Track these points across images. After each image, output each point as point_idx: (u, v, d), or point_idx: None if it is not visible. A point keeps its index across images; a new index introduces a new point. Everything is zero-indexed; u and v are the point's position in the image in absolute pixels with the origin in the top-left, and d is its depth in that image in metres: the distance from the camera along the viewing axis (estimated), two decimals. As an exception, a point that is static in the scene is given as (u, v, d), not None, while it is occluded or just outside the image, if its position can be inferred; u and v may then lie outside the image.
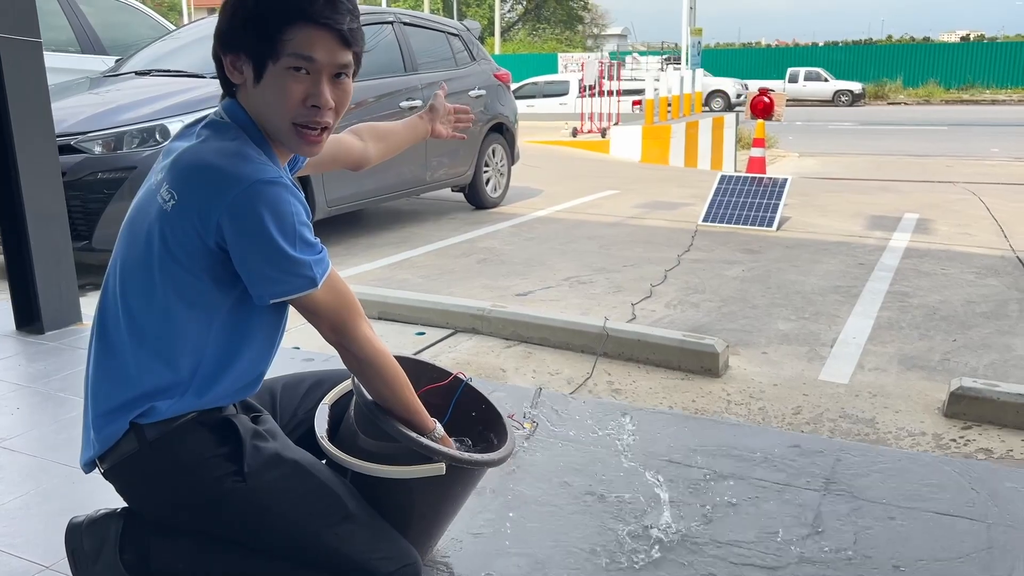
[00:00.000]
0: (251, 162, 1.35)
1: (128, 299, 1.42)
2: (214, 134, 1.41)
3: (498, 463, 1.60)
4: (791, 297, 4.51)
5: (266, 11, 1.36)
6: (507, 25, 45.90)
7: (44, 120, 3.32)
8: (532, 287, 4.69)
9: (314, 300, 1.39)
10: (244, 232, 1.33)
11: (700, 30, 17.24)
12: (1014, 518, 1.99)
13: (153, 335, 1.41)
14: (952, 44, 40.18)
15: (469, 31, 7.49)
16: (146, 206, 1.42)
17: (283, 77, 1.38)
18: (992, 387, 2.96)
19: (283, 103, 1.39)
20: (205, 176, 1.34)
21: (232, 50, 1.41)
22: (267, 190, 1.33)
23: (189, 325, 1.40)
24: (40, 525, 1.95)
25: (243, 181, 1.32)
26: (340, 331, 1.43)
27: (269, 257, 1.34)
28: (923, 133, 18.85)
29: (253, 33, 1.37)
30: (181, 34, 6.47)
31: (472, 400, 1.78)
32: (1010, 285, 4.73)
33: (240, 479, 1.43)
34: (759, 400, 3.14)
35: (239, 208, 1.32)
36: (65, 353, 3.14)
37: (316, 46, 1.37)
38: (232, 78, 1.43)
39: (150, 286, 1.40)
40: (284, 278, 1.36)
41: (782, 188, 6.70)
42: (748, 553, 1.85)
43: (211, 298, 1.40)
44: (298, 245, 1.35)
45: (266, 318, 1.48)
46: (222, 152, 1.36)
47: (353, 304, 1.45)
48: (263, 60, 1.37)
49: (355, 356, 1.45)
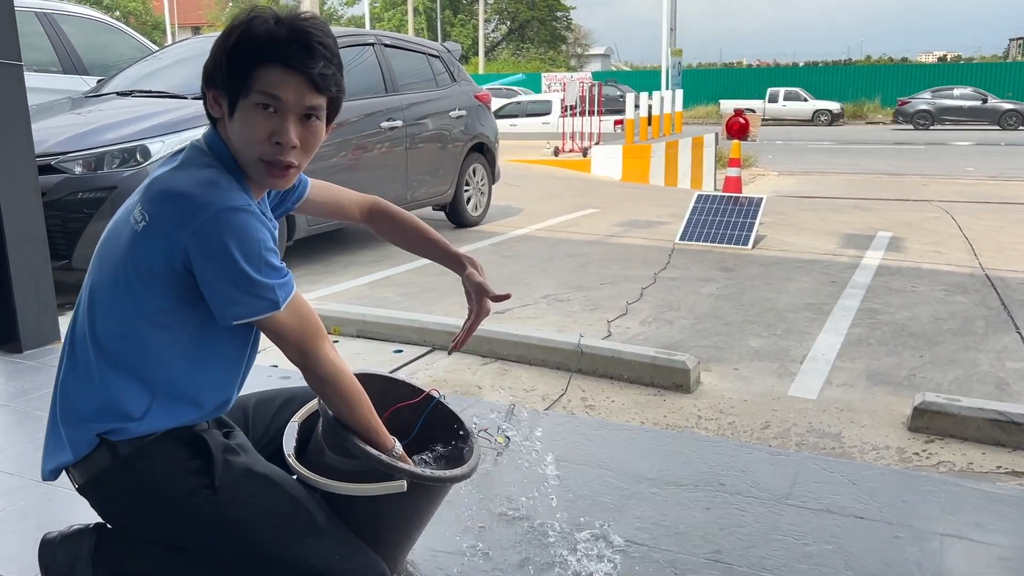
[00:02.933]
0: (220, 190, 1.41)
1: (95, 316, 1.47)
2: (190, 162, 1.47)
3: (460, 479, 1.65)
4: (764, 314, 4.59)
5: (242, 50, 1.43)
6: (491, 45, 46.23)
7: (24, 140, 3.36)
8: (510, 304, 4.74)
9: (278, 322, 1.44)
10: (209, 256, 1.38)
11: (680, 51, 17.51)
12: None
13: (118, 352, 1.45)
14: (930, 65, 40.92)
15: (450, 52, 7.58)
16: (120, 227, 1.48)
17: (251, 112, 1.44)
18: (954, 402, 3.04)
19: (250, 137, 1.45)
20: (175, 201, 1.40)
21: (212, 85, 1.49)
22: (233, 217, 1.38)
23: (153, 345, 1.45)
24: (16, 541, 1.98)
25: (210, 208, 1.37)
26: (303, 352, 1.47)
27: (233, 280, 1.38)
28: (900, 152, 19.15)
29: (228, 70, 1.44)
30: (163, 54, 6.51)
31: (446, 416, 1.82)
32: (978, 302, 4.83)
33: (211, 492, 1.47)
34: (729, 415, 3.20)
35: (205, 233, 1.37)
36: (43, 372, 3.16)
37: (284, 87, 1.42)
38: (212, 111, 1.50)
39: (117, 304, 1.45)
40: (247, 299, 1.40)
41: (758, 207, 6.81)
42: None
43: (175, 318, 1.44)
44: (263, 269, 1.40)
45: (231, 342, 1.52)
46: (193, 180, 1.42)
47: (317, 327, 1.50)
48: (235, 95, 1.45)
49: (317, 376, 1.50)
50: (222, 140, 1.49)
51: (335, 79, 1.47)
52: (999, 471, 2.73)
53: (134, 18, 34.65)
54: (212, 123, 1.52)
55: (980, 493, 2.27)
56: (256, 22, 1.44)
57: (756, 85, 33.34)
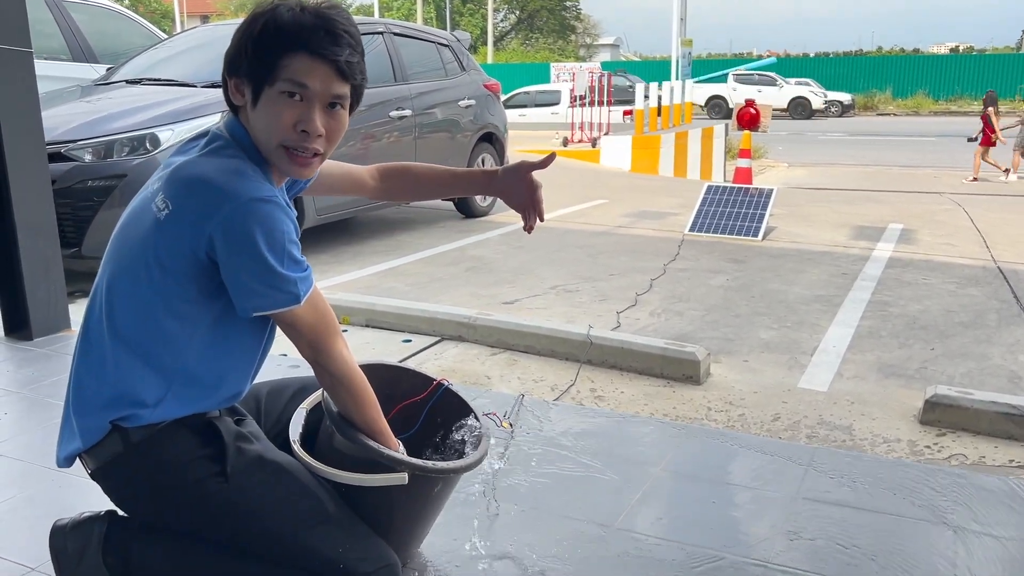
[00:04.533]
0: (247, 179, 1.40)
1: (113, 304, 1.46)
2: (214, 150, 1.45)
3: (465, 469, 1.64)
4: (774, 306, 4.57)
5: (268, 38, 1.42)
6: (500, 35, 46.08)
7: (34, 128, 3.35)
8: (519, 295, 4.73)
9: (296, 316, 1.43)
10: (234, 247, 1.37)
11: (690, 41, 17.37)
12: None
13: (135, 340, 1.44)
14: (941, 56, 40.55)
15: (459, 41, 7.56)
16: (139, 214, 1.46)
17: (277, 101, 1.43)
18: (966, 395, 3.02)
19: (275, 125, 1.44)
20: (201, 190, 1.38)
21: (235, 73, 1.47)
22: (260, 208, 1.37)
23: (171, 334, 1.44)
24: (26, 528, 1.98)
25: (237, 198, 1.36)
26: (317, 348, 1.47)
27: (256, 272, 1.38)
28: (911, 144, 19.02)
29: (254, 57, 1.42)
30: (173, 43, 6.51)
31: (456, 404, 1.82)
32: (990, 295, 4.80)
33: (223, 480, 1.47)
34: (739, 407, 3.19)
35: (232, 224, 1.36)
36: (53, 359, 3.17)
37: (311, 75, 1.42)
38: (234, 99, 1.48)
39: (137, 293, 1.44)
40: (269, 292, 1.40)
41: (768, 198, 6.77)
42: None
43: (195, 308, 1.44)
44: (286, 262, 1.40)
45: (248, 333, 1.51)
46: (220, 168, 1.41)
47: (332, 323, 1.49)
48: (260, 83, 1.43)
49: (329, 373, 1.49)
50: (243, 128, 1.48)
51: (360, 67, 1.47)
52: (1011, 465, 2.71)
53: (143, 6, 34.64)
54: (233, 111, 1.51)
55: (992, 487, 2.25)
56: (282, 9, 1.42)
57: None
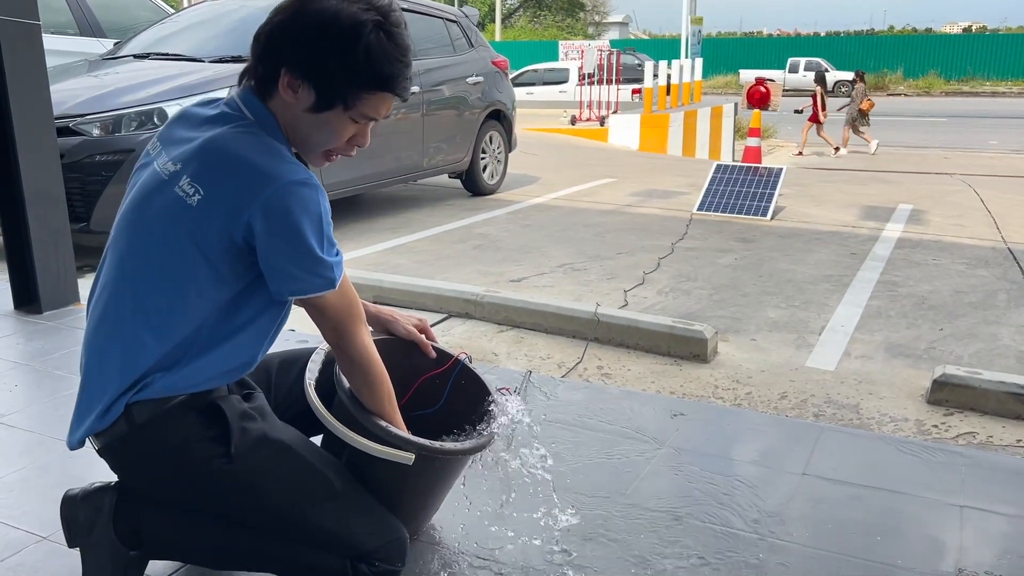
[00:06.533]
0: (286, 161, 1.39)
1: (131, 277, 1.43)
2: (240, 128, 1.41)
3: (476, 451, 1.65)
4: (782, 286, 4.55)
5: (364, 72, 1.41)
6: (508, 12, 45.72)
7: (43, 102, 3.35)
8: (526, 273, 4.73)
9: (325, 301, 1.43)
10: (276, 231, 1.35)
11: (701, 19, 17.26)
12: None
13: (147, 317, 1.41)
14: (953, 36, 40.16)
15: (467, 18, 7.50)
16: (155, 189, 1.43)
17: (343, 122, 1.45)
18: (975, 375, 3.01)
19: (332, 138, 1.47)
20: (239, 171, 1.36)
21: (305, 76, 1.41)
22: (302, 191, 1.36)
23: (192, 308, 1.41)
24: (37, 498, 2.00)
25: (279, 180, 1.35)
26: (340, 333, 1.47)
27: (295, 256, 1.37)
28: (922, 124, 18.87)
29: (344, 81, 1.41)
30: (180, 18, 6.47)
31: (472, 380, 1.82)
32: (999, 276, 4.78)
33: (227, 460, 1.45)
34: (746, 386, 3.19)
35: (273, 207, 1.34)
36: (62, 332, 3.19)
37: (383, 109, 1.46)
38: (283, 93, 1.43)
39: (158, 269, 1.41)
40: (307, 277, 1.39)
41: (777, 178, 6.74)
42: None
43: (220, 285, 1.41)
44: (325, 246, 1.39)
45: (266, 309, 1.49)
46: (256, 148, 1.38)
47: (358, 308, 1.49)
48: (334, 105, 1.43)
49: (349, 357, 1.49)
50: (270, 113, 1.45)
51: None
52: (1019, 444, 2.71)
53: (150, -18, 34.47)
54: (260, 92, 1.46)
55: (999, 466, 2.26)
56: (373, 39, 1.40)
57: (777, 55, 32.85)
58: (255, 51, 1.45)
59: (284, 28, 1.42)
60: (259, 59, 1.45)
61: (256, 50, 1.45)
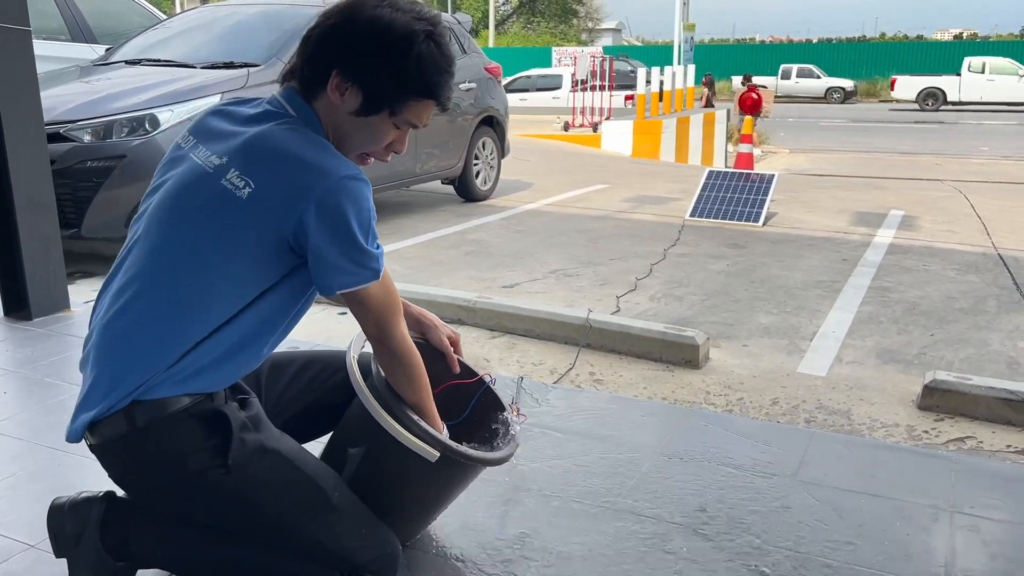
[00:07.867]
0: (336, 156, 1.42)
1: (170, 270, 1.41)
2: (286, 125, 1.44)
3: (495, 463, 1.66)
4: (774, 291, 4.57)
5: (414, 80, 1.45)
6: (501, 18, 45.83)
7: (33, 108, 3.34)
8: (519, 279, 4.73)
9: (368, 293, 1.43)
10: (328, 225, 1.37)
11: (693, 25, 17.32)
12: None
13: (189, 308, 1.40)
14: (945, 43, 40.37)
15: (460, 24, 7.51)
16: (195, 184, 1.42)
17: (386, 126, 1.49)
18: (965, 380, 3.02)
19: (372, 141, 1.50)
20: (292, 166, 1.38)
21: (355, 79, 1.45)
22: (353, 185, 1.38)
23: (223, 301, 1.41)
24: (26, 505, 1.99)
25: (332, 175, 1.37)
26: (382, 326, 1.47)
27: (345, 250, 1.39)
28: (913, 131, 18.96)
29: (393, 88, 1.45)
30: (172, 23, 6.47)
31: (491, 400, 1.82)
32: (990, 282, 4.80)
33: (224, 471, 1.43)
34: (738, 392, 3.20)
35: (327, 201, 1.36)
36: (53, 339, 3.17)
37: (425, 116, 1.51)
38: (330, 94, 1.47)
39: (198, 261, 1.40)
40: (355, 270, 1.40)
41: (769, 184, 6.76)
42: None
43: (255, 280, 1.42)
44: (370, 239, 1.41)
45: (281, 313, 1.49)
46: (306, 143, 1.41)
47: (398, 301, 1.50)
48: (381, 109, 1.47)
49: (389, 350, 1.50)
50: (315, 113, 1.48)
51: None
52: (1009, 449, 2.72)
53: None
54: (304, 93, 1.49)
55: (989, 471, 2.27)
56: (424, 49, 1.45)
57: (769, 61, 33.01)
58: (302, 52, 1.49)
59: (338, 32, 1.46)
60: (307, 60, 1.48)
61: (304, 51, 1.49)
